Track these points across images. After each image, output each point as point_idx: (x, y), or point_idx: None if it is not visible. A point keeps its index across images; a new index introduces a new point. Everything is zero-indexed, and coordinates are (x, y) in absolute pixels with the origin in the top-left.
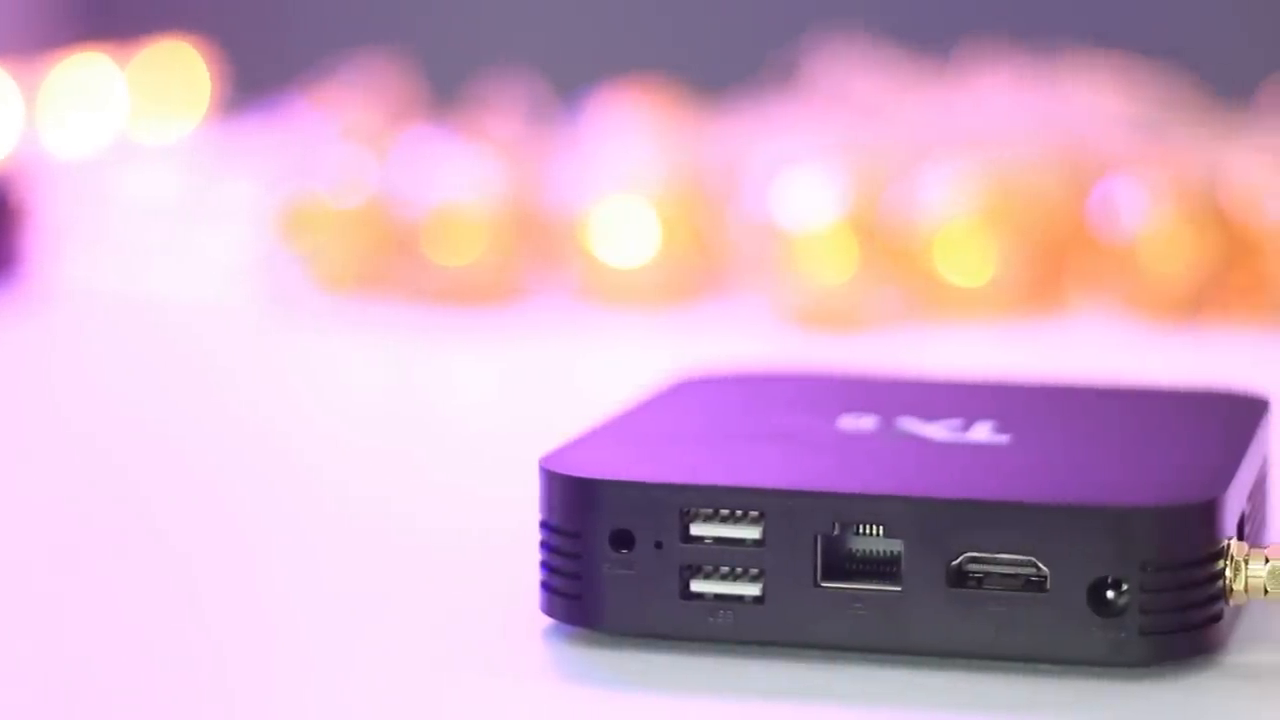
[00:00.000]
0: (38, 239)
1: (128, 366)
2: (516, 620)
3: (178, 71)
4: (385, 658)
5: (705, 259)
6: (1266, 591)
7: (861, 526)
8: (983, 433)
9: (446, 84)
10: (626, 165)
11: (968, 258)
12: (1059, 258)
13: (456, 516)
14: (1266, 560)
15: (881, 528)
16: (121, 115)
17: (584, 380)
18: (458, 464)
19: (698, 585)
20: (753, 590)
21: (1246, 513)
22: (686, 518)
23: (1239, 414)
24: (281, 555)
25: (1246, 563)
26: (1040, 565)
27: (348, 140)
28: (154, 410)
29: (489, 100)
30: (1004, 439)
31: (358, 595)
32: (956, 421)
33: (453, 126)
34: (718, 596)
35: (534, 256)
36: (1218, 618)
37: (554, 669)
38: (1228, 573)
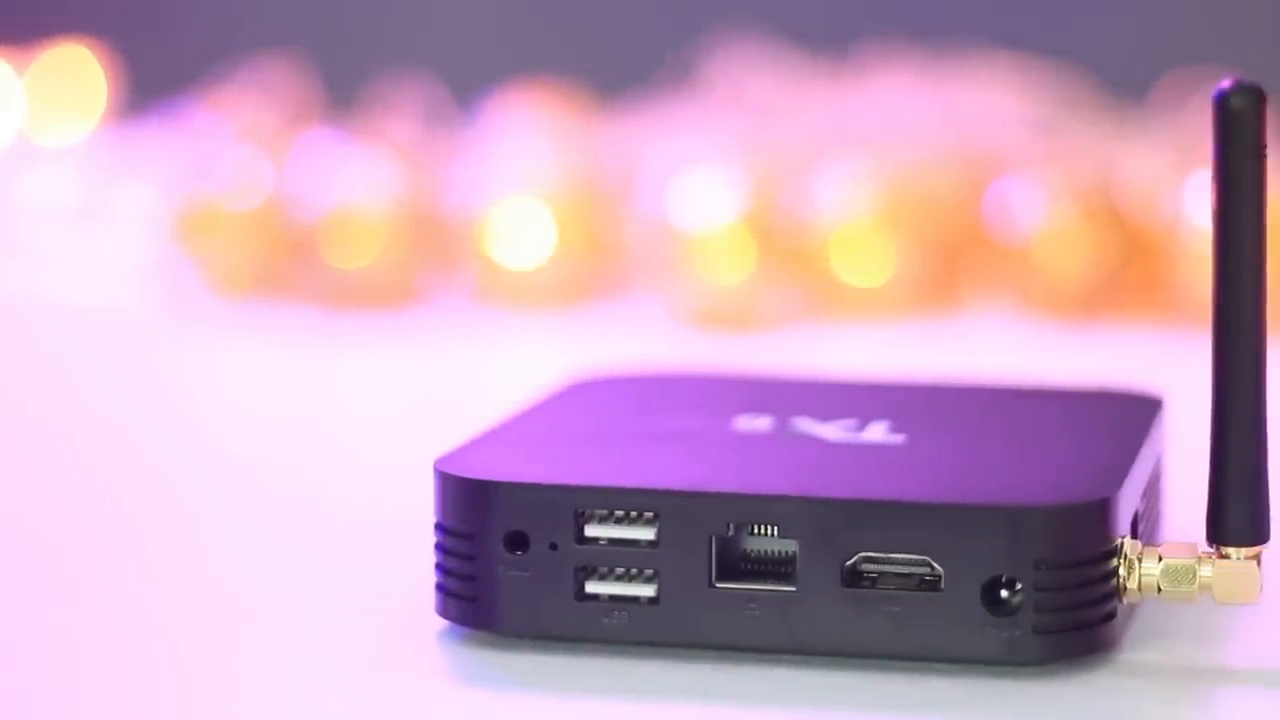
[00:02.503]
0: None
1: (23, 369)
2: (411, 622)
3: (74, 75)
4: (280, 659)
5: (602, 260)
6: (1160, 590)
7: (756, 527)
8: (878, 433)
9: (343, 86)
10: (523, 167)
11: (865, 258)
12: (955, 257)
13: (353, 519)
14: (1160, 559)
15: (776, 528)
16: (18, 118)
17: (481, 382)
18: (355, 467)
19: (593, 586)
20: (648, 591)
21: (1140, 511)
22: (581, 519)
23: (1133, 413)
24: (175, 558)
25: (1140, 561)
26: (934, 565)
27: (244, 143)
28: (49, 414)
29: (386, 102)
30: (899, 439)
31: (254, 597)
32: (852, 422)
33: (350, 129)
34: (613, 597)
35: (431, 259)
36: (1111, 616)
37: (448, 671)
38: (1121, 571)
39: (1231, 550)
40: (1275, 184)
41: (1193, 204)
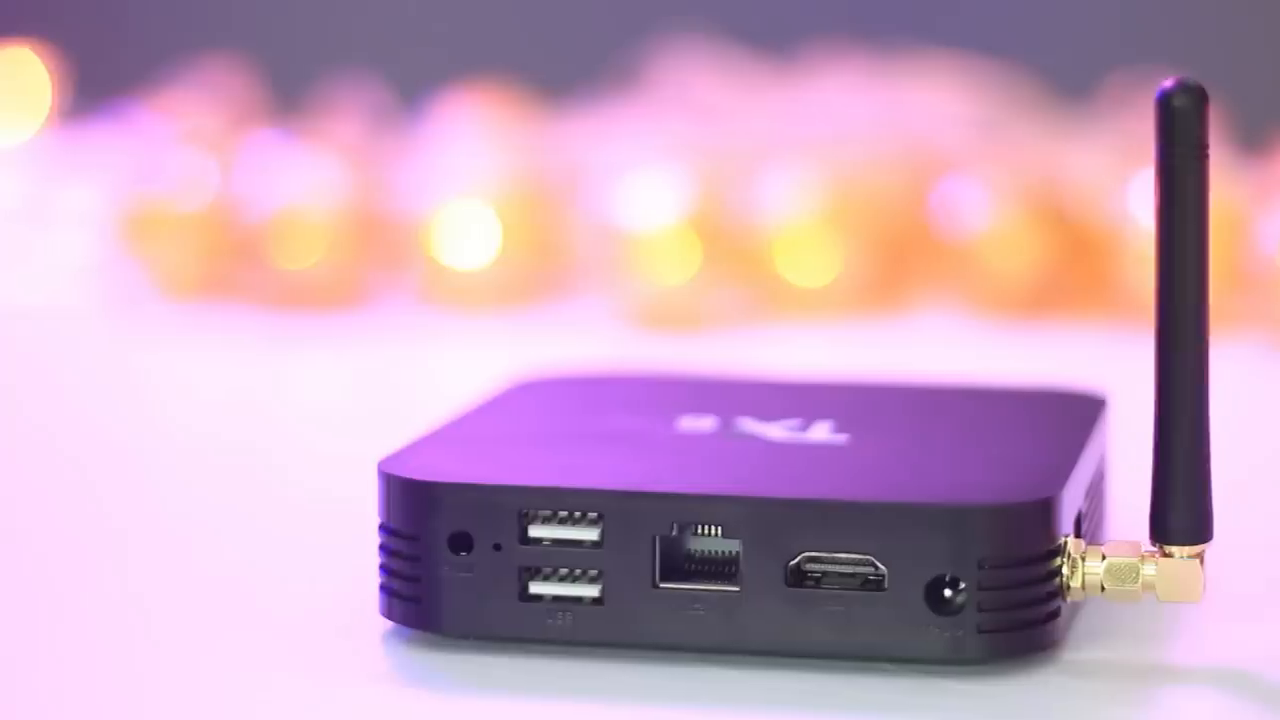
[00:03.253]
0: None
1: None
2: (356, 623)
3: (19, 76)
4: (225, 660)
5: (547, 261)
6: (1103, 588)
7: (699, 527)
8: (821, 432)
9: (289, 88)
10: (469, 168)
11: (810, 257)
12: (900, 257)
13: (298, 521)
14: (1103, 557)
15: (719, 528)
16: None
17: (427, 383)
18: (300, 468)
19: (537, 587)
20: (591, 591)
21: (1084, 510)
22: (525, 519)
23: (1077, 412)
24: (120, 559)
25: (1084, 560)
26: (878, 564)
27: (190, 145)
28: None
29: (331, 104)
30: (842, 439)
31: (199, 598)
32: (795, 422)
33: (295, 130)
34: (556, 598)
35: (377, 260)
36: (1055, 615)
37: (393, 672)
38: (1065, 570)
39: (1174, 549)
40: (1218, 183)
41: (1137, 203)
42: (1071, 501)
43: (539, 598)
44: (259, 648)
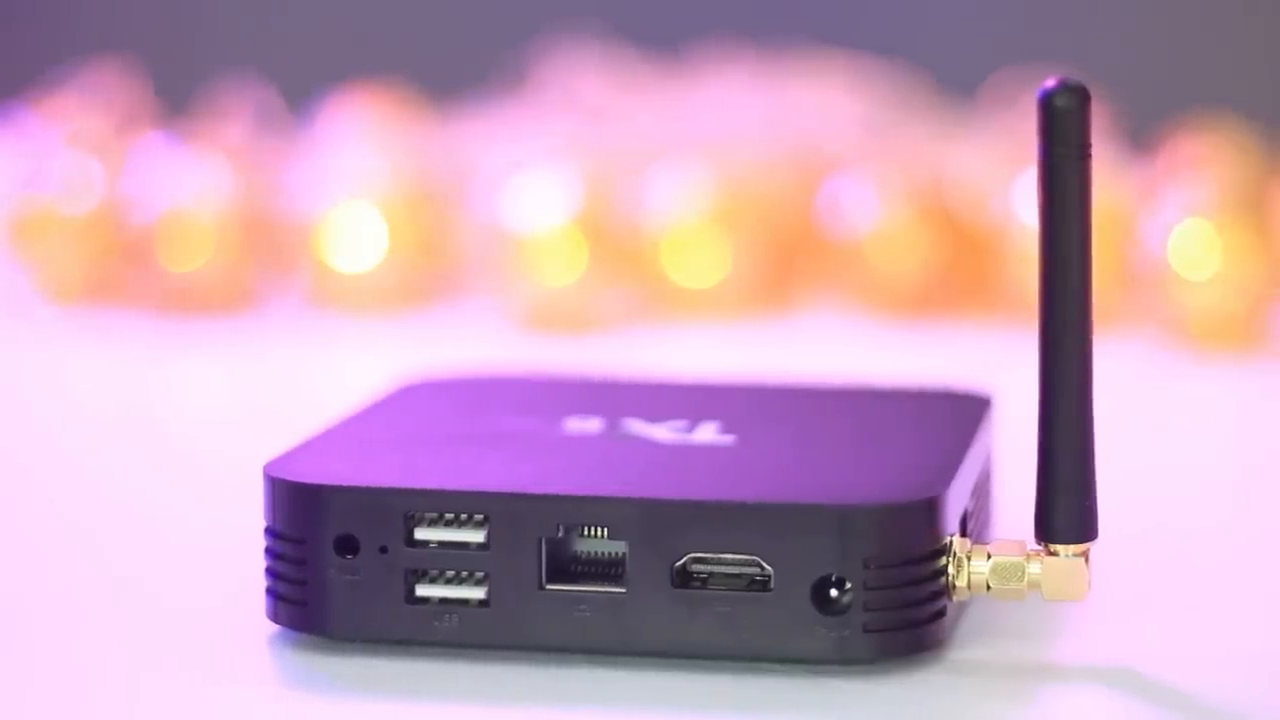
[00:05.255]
0: None
1: None
2: (242, 627)
3: None
4: (109, 664)
5: (436, 263)
6: (989, 588)
7: (586, 528)
8: (708, 433)
9: (176, 91)
10: (356, 170)
11: (698, 258)
12: (788, 257)
13: (186, 525)
14: (989, 556)
15: (605, 529)
16: None
17: (316, 386)
18: (188, 472)
19: (423, 589)
20: (478, 594)
21: (970, 510)
22: (411, 522)
23: (962, 412)
24: (3, 563)
25: (969, 559)
26: (764, 565)
27: (76, 148)
28: None
29: (218, 107)
30: (729, 439)
31: (84, 603)
32: (682, 423)
33: (183, 134)
34: (443, 600)
35: (264, 263)
36: (941, 614)
37: (279, 675)
38: (950, 569)
39: (1059, 548)
40: (1104, 181)
41: (1022, 203)
42: (957, 501)
43: (425, 600)
44: (144, 651)
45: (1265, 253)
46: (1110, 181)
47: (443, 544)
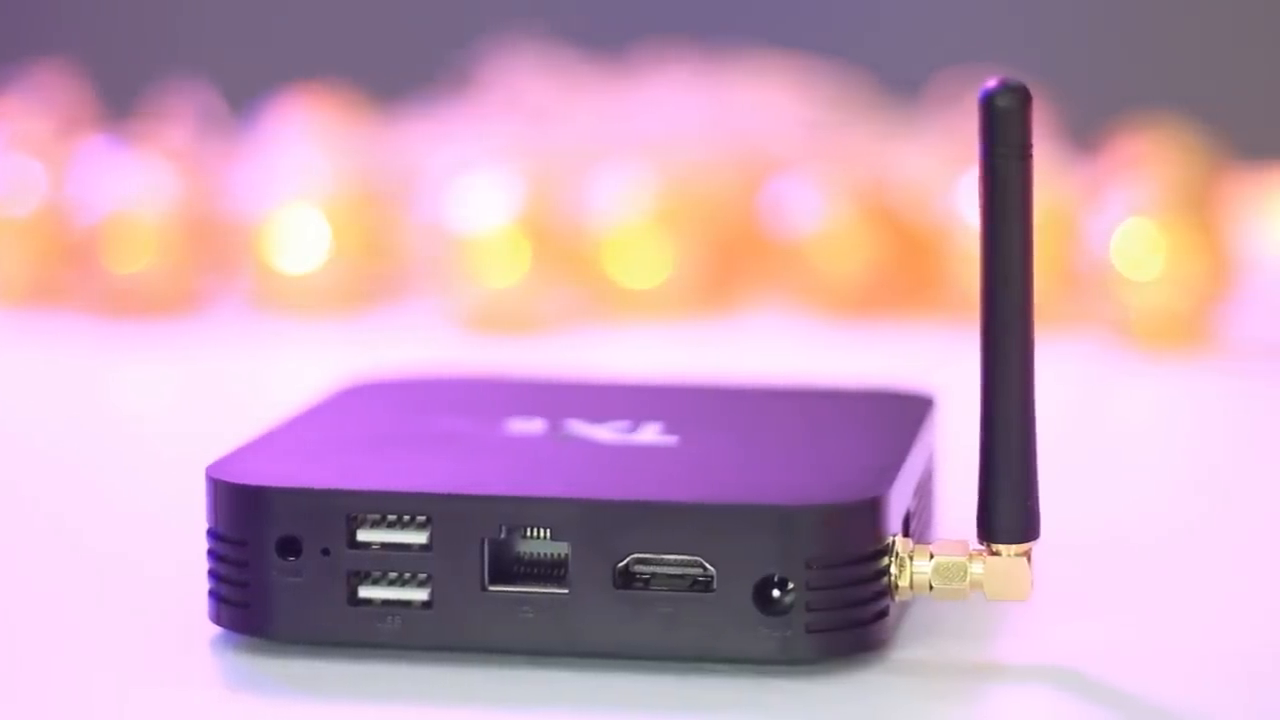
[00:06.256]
0: None
1: None
2: (186, 629)
3: None
4: (51, 666)
5: (380, 264)
6: (931, 588)
7: (528, 529)
8: (650, 434)
9: (119, 93)
10: (301, 172)
11: (641, 259)
12: (732, 258)
13: (130, 527)
14: (931, 556)
15: (548, 530)
16: None
17: (260, 388)
18: (132, 475)
19: (366, 591)
20: (420, 595)
21: (912, 510)
22: (353, 523)
23: (905, 412)
24: None
25: (911, 559)
26: (706, 565)
27: (19, 150)
28: None
29: (163, 109)
30: (671, 440)
31: (28, 605)
32: (624, 423)
33: (126, 136)
34: (386, 602)
35: (209, 264)
36: (883, 614)
37: (222, 677)
38: (893, 570)
39: (1002, 547)
40: (1048, 181)
41: (965, 203)
42: (899, 501)
43: (368, 602)
44: (87, 654)
45: (1209, 252)
46: (1054, 181)
47: (385, 545)
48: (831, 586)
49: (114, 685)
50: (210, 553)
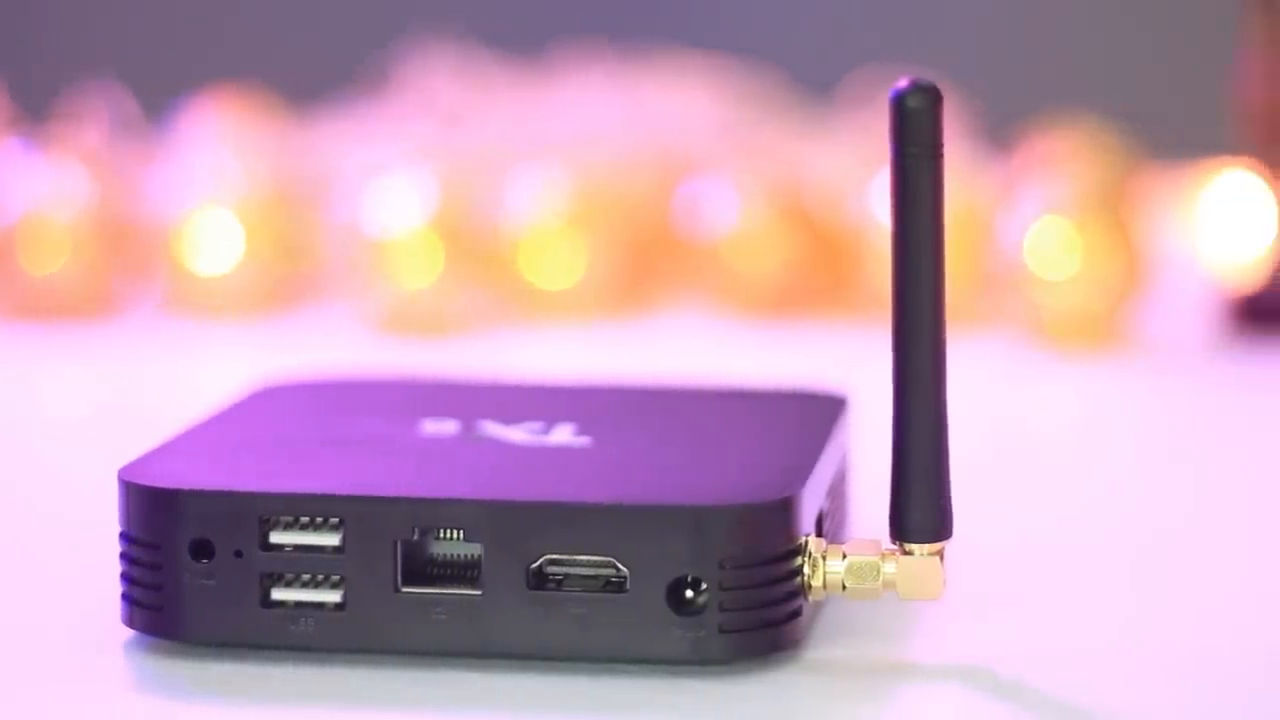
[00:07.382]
0: None
1: None
2: (98, 633)
3: None
4: None
5: (295, 266)
6: (844, 587)
7: (441, 531)
8: (563, 435)
9: (33, 96)
10: (216, 174)
11: (555, 260)
12: (646, 258)
13: (42, 530)
14: (844, 556)
15: (460, 532)
16: None
17: (174, 390)
18: (44, 477)
19: (279, 593)
20: (333, 597)
21: (825, 510)
22: (266, 526)
23: (818, 413)
24: None
25: (824, 559)
26: (619, 566)
27: None
28: None
29: (77, 112)
30: (584, 441)
31: None
32: (538, 424)
33: (40, 138)
34: (298, 604)
35: (124, 267)
36: (797, 614)
37: (134, 680)
38: (806, 569)
39: (914, 547)
40: (962, 181)
41: (879, 203)
42: (812, 501)
43: (281, 604)
44: None
45: (1123, 251)
46: (967, 180)
47: (298, 547)
48: (744, 587)
49: (25, 689)
50: (123, 555)
